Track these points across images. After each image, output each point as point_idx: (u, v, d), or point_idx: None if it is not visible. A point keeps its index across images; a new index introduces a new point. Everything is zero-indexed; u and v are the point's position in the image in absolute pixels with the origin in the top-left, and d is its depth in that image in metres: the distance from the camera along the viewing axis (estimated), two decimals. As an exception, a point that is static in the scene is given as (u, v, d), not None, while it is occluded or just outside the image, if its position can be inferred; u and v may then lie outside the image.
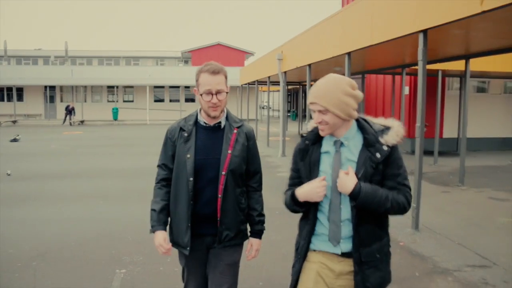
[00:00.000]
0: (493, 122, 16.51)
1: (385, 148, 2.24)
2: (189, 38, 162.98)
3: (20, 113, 35.97)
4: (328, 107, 2.20)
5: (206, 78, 2.58)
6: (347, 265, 2.29)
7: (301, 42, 12.23)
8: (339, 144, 2.31)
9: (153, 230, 2.71)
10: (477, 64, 11.91)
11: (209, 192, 2.65)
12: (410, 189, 2.30)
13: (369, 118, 2.39)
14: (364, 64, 12.60)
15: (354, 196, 2.18)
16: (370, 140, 2.26)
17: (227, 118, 2.75)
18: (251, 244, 2.84)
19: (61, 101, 37.11)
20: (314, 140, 2.38)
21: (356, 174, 2.22)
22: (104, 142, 20.11)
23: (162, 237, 2.67)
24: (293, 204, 2.37)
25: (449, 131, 15.99)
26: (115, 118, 35.77)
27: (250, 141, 2.78)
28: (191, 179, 2.62)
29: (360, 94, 2.28)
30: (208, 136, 2.70)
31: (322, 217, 2.34)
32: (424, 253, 5.52)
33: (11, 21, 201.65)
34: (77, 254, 5.46)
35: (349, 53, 8.60)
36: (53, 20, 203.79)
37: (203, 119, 2.71)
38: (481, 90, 17.36)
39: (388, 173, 2.27)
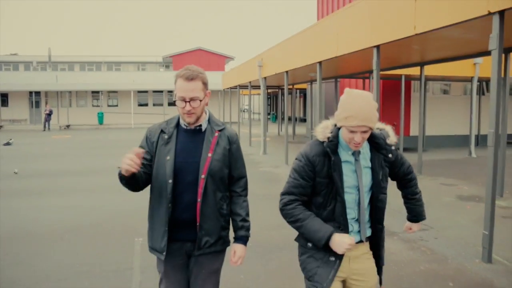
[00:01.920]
0: (455, 121, 18.15)
1: (393, 148, 2.56)
2: (169, 43, 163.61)
3: (5, 118, 36.64)
4: (373, 127, 2.39)
5: (181, 84, 2.52)
6: (359, 250, 2.58)
7: (279, 51, 13.67)
8: (358, 154, 2.51)
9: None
10: (438, 69, 13.50)
11: (188, 196, 2.59)
12: (413, 169, 2.81)
13: None
14: (336, 70, 14.10)
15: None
16: (380, 144, 2.52)
17: (209, 121, 2.70)
18: (234, 251, 2.73)
19: (47, 105, 37.86)
20: (334, 150, 2.49)
21: (376, 176, 2.52)
22: (94, 144, 21.19)
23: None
24: (317, 241, 2.46)
25: (415, 129, 17.55)
26: (101, 123, 36.70)
27: (232, 144, 2.71)
28: (170, 181, 2.56)
29: None
30: (189, 139, 2.65)
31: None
32: (378, 223, 6.95)
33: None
34: (100, 229, 6.73)
35: (320, 62, 10.04)
36: (31, 25, 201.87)
37: (184, 121, 2.66)
38: (445, 92, 19.02)
39: (395, 166, 2.65)
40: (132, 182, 2.55)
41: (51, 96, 38.21)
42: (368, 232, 2.58)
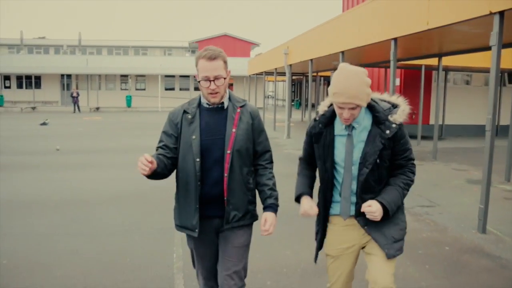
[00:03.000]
0: (475, 111, 18.55)
1: (393, 126, 2.45)
2: (195, 28, 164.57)
3: (38, 100, 38.13)
4: (361, 104, 2.39)
5: (204, 65, 2.58)
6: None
7: (304, 40, 14.34)
8: (351, 128, 2.51)
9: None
10: (458, 60, 13.97)
11: (215, 172, 2.66)
12: (414, 161, 2.66)
13: (375, 95, 2.59)
14: (358, 59, 14.69)
15: (385, 214, 2.52)
16: (380, 118, 2.47)
17: (229, 98, 2.75)
18: (265, 219, 2.74)
19: (77, 88, 39.25)
20: (326, 123, 2.57)
21: (364, 149, 2.51)
22: (124, 126, 22.26)
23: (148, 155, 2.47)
24: (295, 199, 2.80)
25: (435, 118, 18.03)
26: (129, 105, 37.91)
27: (254, 119, 2.77)
28: (198, 159, 2.63)
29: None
30: (212, 117, 2.71)
31: (338, 186, 2.64)
32: (390, 200, 7.68)
33: (17, 10, 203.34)
34: (141, 197, 7.62)
35: (342, 52, 10.70)
36: (58, 9, 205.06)
37: (206, 100, 2.72)
38: (466, 82, 19.41)
39: (397, 150, 2.52)
40: (154, 177, 2.66)
41: (81, 79, 39.54)
42: (352, 209, 2.62)
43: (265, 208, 2.78)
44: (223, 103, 2.72)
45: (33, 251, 5.14)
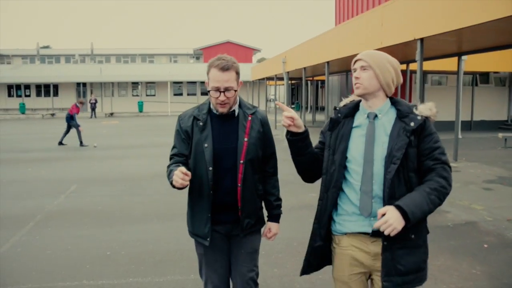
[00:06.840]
0: (449, 108, 21.09)
1: (418, 117, 2.19)
2: (198, 35, 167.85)
3: (56, 107, 40.90)
4: (371, 64, 2.23)
5: (215, 74, 2.52)
6: (381, 246, 2.20)
7: (299, 51, 17.08)
8: (373, 116, 2.28)
9: (171, 176, 2.46)
10: (433, 65, 16.53)
11: (228, 181, 2.64)
12: (448, 166, 2.22)
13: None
14: (342, 67, 17.40)
15: (407, 221, 2.04)
16: (403, 111, 2.24)
17: (240, 105, 2.72)
18: (269, 228, 2.85)
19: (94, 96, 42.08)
20: (346, 114, 2.37)
21: (390, 144, 2.19)
22: (141, 128, 24.95)
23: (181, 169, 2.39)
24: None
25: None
26: (140, 111, 40.63)
27: (265, 127, 2.77)
28: (211, 168, 2.59)
29: (401, 76, 2.31)
30: (223, 124, 2.67)
31: (350, 193, 2.28)
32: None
33: (10, 20, 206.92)
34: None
35: (328, 62, 13.38)
36: (62, 20, 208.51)
37: (217, 112, 2.67)
38: (444, 83, 21.98)
39: (424, 148, 2.19)
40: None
41: (96, 86, 42.33)
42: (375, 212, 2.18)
43: (270, 218, 2.89)
44: (234, 110, 2.69)
45: (115, 202, 7.83)
